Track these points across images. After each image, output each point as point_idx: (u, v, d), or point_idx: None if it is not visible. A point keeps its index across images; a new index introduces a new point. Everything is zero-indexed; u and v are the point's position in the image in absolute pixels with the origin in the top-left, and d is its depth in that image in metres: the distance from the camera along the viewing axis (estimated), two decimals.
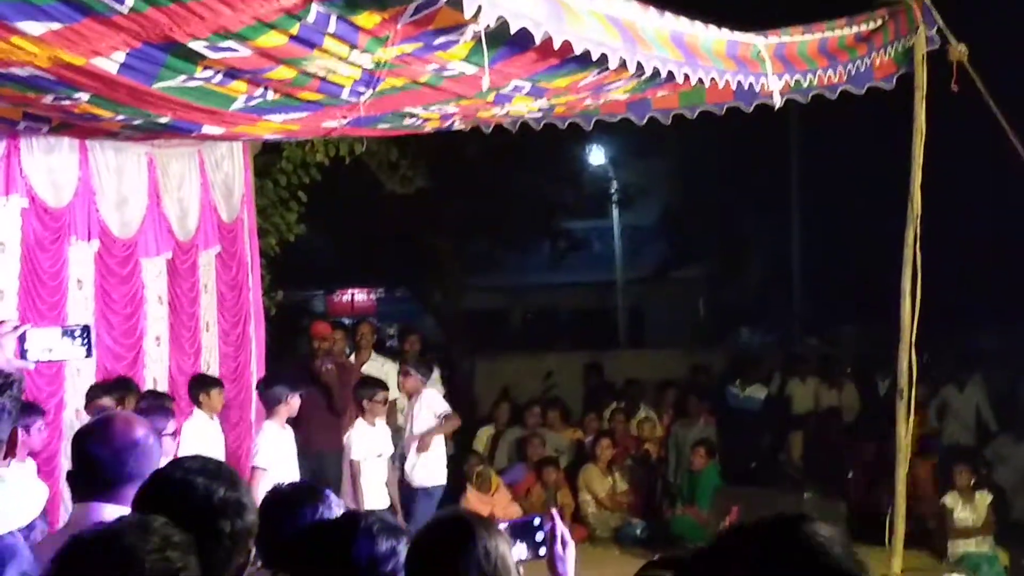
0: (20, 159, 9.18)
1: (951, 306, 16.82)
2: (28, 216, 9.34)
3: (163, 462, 8.55)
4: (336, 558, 3.84)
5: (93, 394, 9.34)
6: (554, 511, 4.20)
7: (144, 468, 4.17)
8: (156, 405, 9.45)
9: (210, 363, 11.43)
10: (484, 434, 16.06)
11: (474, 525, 3.74)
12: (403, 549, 3.84)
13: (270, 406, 10.05)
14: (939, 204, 10.08)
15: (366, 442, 10.79)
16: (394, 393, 12.61)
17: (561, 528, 4.05)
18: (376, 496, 10.78)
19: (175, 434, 9.04)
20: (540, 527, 4.04)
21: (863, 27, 8.81)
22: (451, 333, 23.27)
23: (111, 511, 4.03)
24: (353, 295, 34.57)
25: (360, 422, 10.88)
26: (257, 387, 10.67)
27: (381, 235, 22.39)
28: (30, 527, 4.15)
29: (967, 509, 12.47)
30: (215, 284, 11.59)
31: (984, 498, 12.57)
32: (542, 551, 4.03)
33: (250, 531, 3.61)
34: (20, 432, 3.97)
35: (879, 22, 8.94)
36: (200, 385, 10.32)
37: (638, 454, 15.37)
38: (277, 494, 4.39)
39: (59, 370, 9.52)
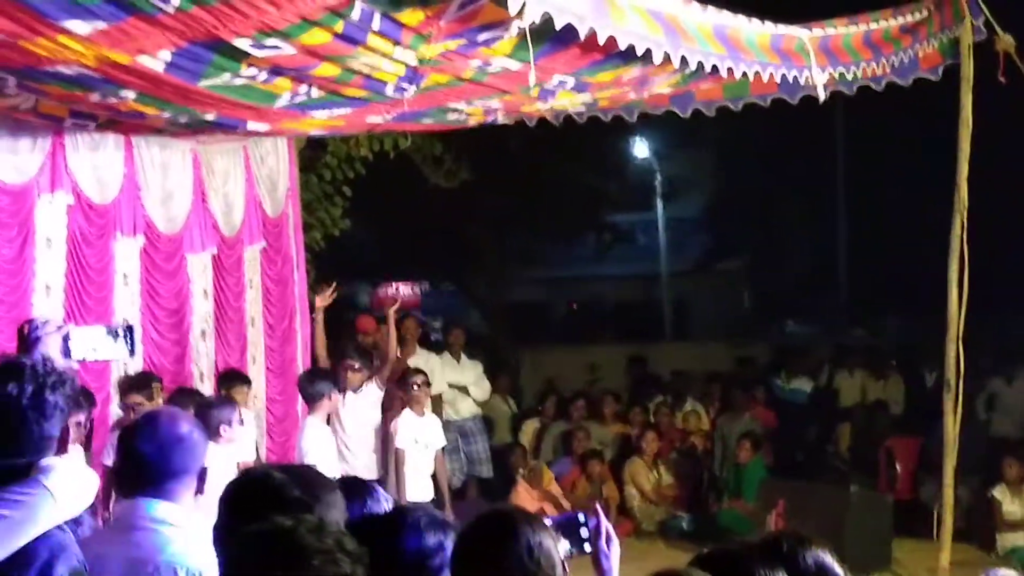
0: (66, 156, 9.22)
1: (999, 297, 16.71)
2: (74, 213, 9.39)
3: (232, 450, 8.62)
4: (383, 552, 3.85)
5: (124, 389, 9.41)
6: (598, 507, 4.21)
7: (189, 464, 4.22)
8: (222, 398, 9.56)
9: (256, 357, 11.47)
10: (529, 427, 16.08)
11: (518, 520, 3.74)
12: (450, 544, 3.84)
13: (313, 401, 10.07)
14: (986, 194, 10.01)
15: (411, 432, 10.83)
16: (439, 387, 12.66)
17: (605, 524, 4.06)
18: (421, 487, 10.82)
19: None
20: (585, 523, 4.05)
21: (908, 18, 8.74)
22: (496, 326, 23.30)
23: (157, 507, 4.07)
24: (398, 289, 34.60)
25: (407, 412, 10.93)
26: (299, 381, 10.68)
27: (426, 229, 22.43)
28: (78, 522, 4.19)
29: (1016, 502, 12.40)
30: (260, 279, 11.63)
31: None
32: (587, 547, 4.03)
33: None
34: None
35: (925, 13, 8.87)
36: (225, 382, 10.37)
37: (684, 447, 15.35)
38: None
39: (106, 365, 9.57)
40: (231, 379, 10.38)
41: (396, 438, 10.78)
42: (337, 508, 3.73)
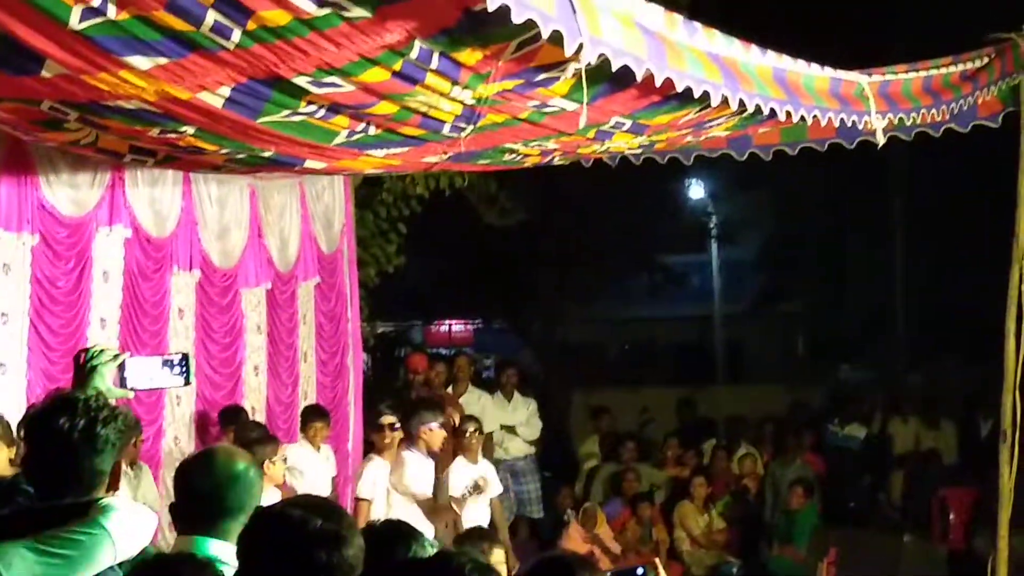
0: (124, 190, 9.31)
1: None
2: (131, 246, 9.47)
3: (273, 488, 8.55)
4: None
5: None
6: (657, 561, 4.18)
7: (245, 501, 4.20)
8: (266, 433, 9.56)
9: (308, 393, 11.50)
10: (581, 468, 16.01)
11: (575, 567, 3.72)
12: None
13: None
14: None
15: (462, 479, 10.49)
16: (490, 427, 12.59)
17: None
18: None
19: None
20: None
21: (969, 65, 8.67)
22: (549, 365, 23.26)
23: (213, 546, 4.05)
24: (451, 326, 34.65)
25: (460, 460, 10.53)
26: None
27: (480, 267, 22.48)
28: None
29: None
30: (314, 314, 11.68)
31: None
32: None
33: (351, 565, 3.59)
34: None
35: (985, 60, 8.79)
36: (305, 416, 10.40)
37: (736, 491, 15.23)
38: (370, 532, 4.39)
39: (159, 398, 9.63)
40: (310, 415, 10.47)
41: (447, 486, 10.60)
42: (357, 530, 3.72)
